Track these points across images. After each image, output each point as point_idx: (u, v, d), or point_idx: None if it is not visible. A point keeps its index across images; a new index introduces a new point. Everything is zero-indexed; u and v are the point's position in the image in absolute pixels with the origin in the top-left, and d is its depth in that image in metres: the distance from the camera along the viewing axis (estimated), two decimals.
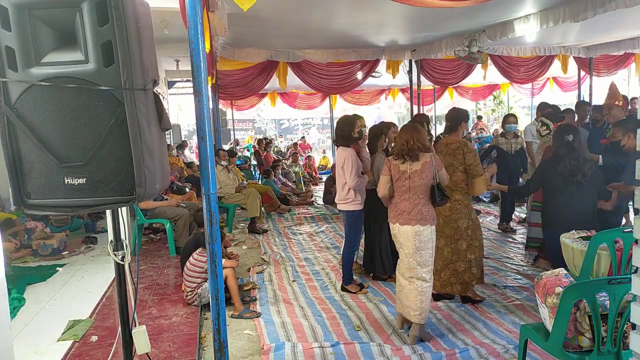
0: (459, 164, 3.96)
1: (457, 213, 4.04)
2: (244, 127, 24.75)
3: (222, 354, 2.35)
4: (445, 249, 4.11)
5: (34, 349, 3.40)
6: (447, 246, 4.10)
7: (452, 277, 4.13)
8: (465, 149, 3.95)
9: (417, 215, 3.40)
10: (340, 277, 4.80)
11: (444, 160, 3.90)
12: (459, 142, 4.00)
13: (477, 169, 3.93)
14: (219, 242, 2.35)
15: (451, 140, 4.06)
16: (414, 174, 3.40)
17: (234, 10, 4.79)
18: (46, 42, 1.64)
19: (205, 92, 2.24)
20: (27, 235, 6.04)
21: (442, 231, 4.05)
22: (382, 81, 13.06)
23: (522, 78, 10.93)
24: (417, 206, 3.41)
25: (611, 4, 5.13)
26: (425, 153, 3.44)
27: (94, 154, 1.67)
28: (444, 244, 4.09)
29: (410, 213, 3.42)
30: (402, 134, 3.55)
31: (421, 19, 6.66)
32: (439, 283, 4.16)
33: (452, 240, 4.09)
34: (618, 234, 2.85)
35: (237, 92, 9.88)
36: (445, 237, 4.08)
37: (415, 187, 3.41)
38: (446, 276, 4.14)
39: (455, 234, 4.06)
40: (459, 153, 3.95)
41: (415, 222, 3.40)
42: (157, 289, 4.56)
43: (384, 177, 3.57)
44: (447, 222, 4.07)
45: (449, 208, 4.01)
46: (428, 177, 3.40)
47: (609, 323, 2.29)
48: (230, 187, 7.28)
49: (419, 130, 3.49)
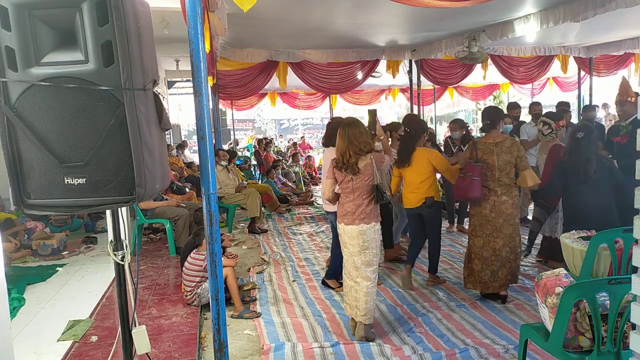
0: (514, 160, 3.94)
1: (517, 208, 4.03)
2: (244, 127, 24.73)
3: (222, 354, 2.35)
4: (504, 249, 4.02)
5: (34, 349, 3.40)
6: (506, 245, 4.02)
7: (508, 275, 4.07)
8: (517, 145, 3.98)
9: (360, 214, 3.45)
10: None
11: (500, 159, 3.94)
12: (511, 140, 4.01)
13: (527, 162, 4.00)
14: (219, 242, 2.35)
15: (501, 138, 4.03)
16: (356, 176, 3.45)
17: (234, 10, 4.79)
18: (46, 42, 1.64)
19: (205, 92, 2.24)
20: (27, 235, 6.04)
21: (501, 231, 4.00)
22: (382, 81, 13.06)
23: (522, 78, 10.93)
24: (360, 206, 3.45)
25: (611, 4, 5.14)
26: (367, 155, 3.45)
27: (94, 154, 1.67)
28: (502, 244, 4.02)
29: (354, 213, 3.46)
30: (338, 144, 3.49)
31: (421, 19, 6.66)
32: (497, 284, 4.08)
33: (510, 239, 4.01)
34: (618, 234, 2.84)
35: (237, 92, 9.88)
36: (504, 236, 4.01)
37: (359, 189, 3.46)
38: (503, 275, 4.06)
39: (514, 231, 4.02)
40: (514, 149, 3.94)
41: (359, 222, 3.44)
42: (157, 289, 4.56)
43: (328, 180, 3.60)
44: (507, 220, 3.99)
45: (512, 205, 3.97)
46: (370, 178, 3.45)
47: (609, 323, 2.29)
48: (230, 187, 7.28)
49: (353, 141, 3.41)
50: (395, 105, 22.09)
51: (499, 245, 4.01)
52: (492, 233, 4.03)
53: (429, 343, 3.52)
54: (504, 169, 3.95)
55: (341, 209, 3.57)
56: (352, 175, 3.44)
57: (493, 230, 4.02)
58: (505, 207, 3.97)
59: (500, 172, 3.96)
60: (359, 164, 3.42)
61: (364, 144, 3.43)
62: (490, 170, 3.98)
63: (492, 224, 4.02)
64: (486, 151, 4.00)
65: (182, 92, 16.36)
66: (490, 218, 4.02)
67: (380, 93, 16.28)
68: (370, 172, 3.44)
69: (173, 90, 15.03)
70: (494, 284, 4.09)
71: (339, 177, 3.52)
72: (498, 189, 3.98)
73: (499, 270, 4.06)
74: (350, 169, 3.42)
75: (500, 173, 3.96)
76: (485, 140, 4.07)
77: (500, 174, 3.96)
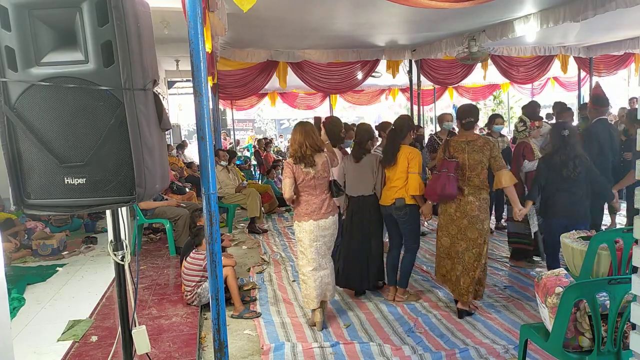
0: (487, 160, 3.80)
1: (485, 212, 3.82)
2: (244, 127, 24.75)
3: (222, 354, 2.35)
4: (467, 253, 3.81)
5: (34, 349, 3.40)
6: (469, 250, 3.81)
7: (471, 285, 3.81)
8: (491, 144, 3.83)
9: (328, 207, 3.77)
10: None
11: (471, 158, 3.80)
12: (484, 139, 3.90)
13: (502, 162, 3.84)
14: (219, 242, 2.35)
15: (474, 137, 3.90)
16: (317, 173, 3.69)
17: (234, 10, 4.79)
18: (46, 42, 1.64)
19: (205, 92, 2.24)
20: (27, 235, 6.04)
21: (465, 234, 3.82)
22: (382, 81, 13.07)
23: (522, 78, 10.94)
24: (325, 200, 3.76)
25: (611, 3, 5.14)
26: (321, 153, 3.72)
27: (94, 154, 1.67)
28: (465, 248, 3.82)
29: (321, 208, 3.74)
30: (295, 137, 3.73)
31: (421, 19, 6.66)
32: (457, 292, 3.90)
33: (474, 245, 3.79)
34: (618, 234, 2.84)
35: (237, 92, 9.88)
36: (468, 240, 3.81)
37: (320, 185, 3.74)
38: (466, 284, 3.82)
39: (479, 237, 3.78)
40: (486, 149, 3.79)
41: (328, 214, 3.77)
42: (157, 289, 4.56)
43: (287, 179, 3.71)
44: (473, 222, 3.79)
45: (478, 207, 3.78)
46: (327, 175, 3.78)
47: (609, 323, 2.29)
48: (230, 187, 7.28)
49: (309, 134, 3.68)
50: (395, 105, 22.09)
51: (461, 248, 3.83)
52: (457, 234, 3.86)
53: (429, 343, 3.52)
54: (474, 168, 3.79)
55: (306, 206, 3.73)
56: (310, 168, 3.65)
57: (458, 231, 3.85)
58: (471, 208, 3.78)
59: (471, 171, 3.80)
60: (315, 158, 3.66)
61: (318, 140, 3.75)
62: (461, 169, 3.82)
63: (457, 224, 3.84)
64: (457, 149, 3.87)
65: (182, 92, 16.36)
66: (455, 217, 3.86)
67: (380, 93, 16.29)
68: (327, 168, 3.75)
69: (173, 90, 15.03)
70: (456, 290, 3.91)
71: (299, 175, 3.68)
72: (465, 189, 3.81)
73: (461, 277, 3.85)
74: (308, 161, 3.64)
75: (471, 173, 3.80)
76: (458, 138, 3.97)
77: (471, 173, 3.80)
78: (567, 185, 3.95)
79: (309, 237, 3.73)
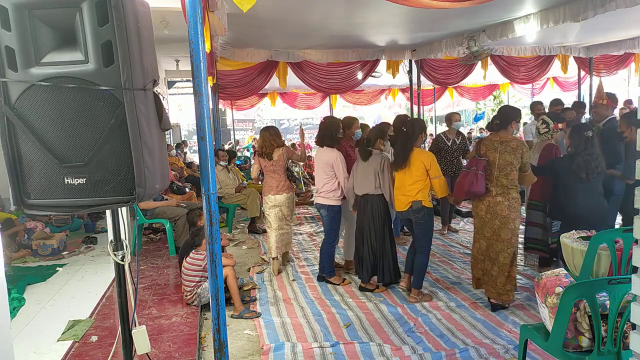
0: (518, 162, 3.83)
1: (515, 212, 3.87)
2: (244, 127, 24.73)
3: (222, 354, 2.36)
4: (502, 254, 3.88)
5: (34, 349, 3.40)
6: (504, 251, 3.87)
7: (507, 284, 3.89)
8: (524, 147, 3.87)
9: (282, 187, 5.11)
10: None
11: (502, 158, 3.84)
12: (518, 141, 3.90)
13: (529, 167, 3.96)
14: (219, 242, 2.35)
15: (508, 138, 3.90)
16: (275, 163, 5.07)
17: (234, 10, 4.78)
18: (46, 42, 1.64)
19: (205, 92, 2.24)
20: (27, 235, 6.03)
21: (499, 235, 3.87)
22: (382, 81, 13.05)
23: (523, 78, 10.91)
24: (280, 182, 5.11)
25: (611, 4, 5.13)
26: (279, 148, 5.07)
27: (94, 154, 1.67)
28: (500, 249, 3.88)
29: (277, 187, 5.11)
30: (260, 139, 5.25)
31: (421, 19, 6.65)
32: (495, 292, 3.96)
33: (509, 245, 3.85)
34: (618, 234, 2.84)
35: (237, 92, 9.86)
36: (502, 241, 3.87)
37: (277, 171, 5.09)
38: (502, 283, 3.90)
39: (512, 237, 3.84)
40: (518, 152, 3.82)
41: (282, 192, 5.11)
42: (157, 289, 4.56)
43: (255, 165, 5.40)
44: (505, 223, 3.85)
45: (508, 207, 3.83)
46: (283, 164, 5.10)
47: (609, 323, 2.29)
48: (230, 187, 7.29)
49: (269, 137, 5.09)
50: (395, 105, 22.09)
51: (498, 249, 3.91)
52: (492, 236, 3.93)
53: (429, 343, 3.52)
54: (503, 169, 3.84)
55: (266, 185, 5.18)
56: (270, 161, 5.06)
57: (492, 233, 3.92)
58: (500, 208, 3.84)
59: (500, 171, 3.85)
60: (273, 154, 5.06)
61: (273, 142, 5.10)
62: (490, 169, 3.89)
63: (490, 226, 3.92)
64: (490, 148, 3.92)
65: (182, 92, 16.36)
66: (486, 220, 3.94)
67: (380, 93, 16.27)
68: (283, 159, 5.08)
69: (173, 90, 15.02)
70: (494, 291, 3.98)
71: (263, 164, 5.16)
72: (493, 189, 3.87)
73: (497, 278, 3.93)
74: (267, 156, 5.07)
75: (500, 173, 3.85)
76: (492, 137, 4.00)
77: (500, 173, 3.85)
78: (583, 189, 3.95)
79: (269, 206, 5.17)
